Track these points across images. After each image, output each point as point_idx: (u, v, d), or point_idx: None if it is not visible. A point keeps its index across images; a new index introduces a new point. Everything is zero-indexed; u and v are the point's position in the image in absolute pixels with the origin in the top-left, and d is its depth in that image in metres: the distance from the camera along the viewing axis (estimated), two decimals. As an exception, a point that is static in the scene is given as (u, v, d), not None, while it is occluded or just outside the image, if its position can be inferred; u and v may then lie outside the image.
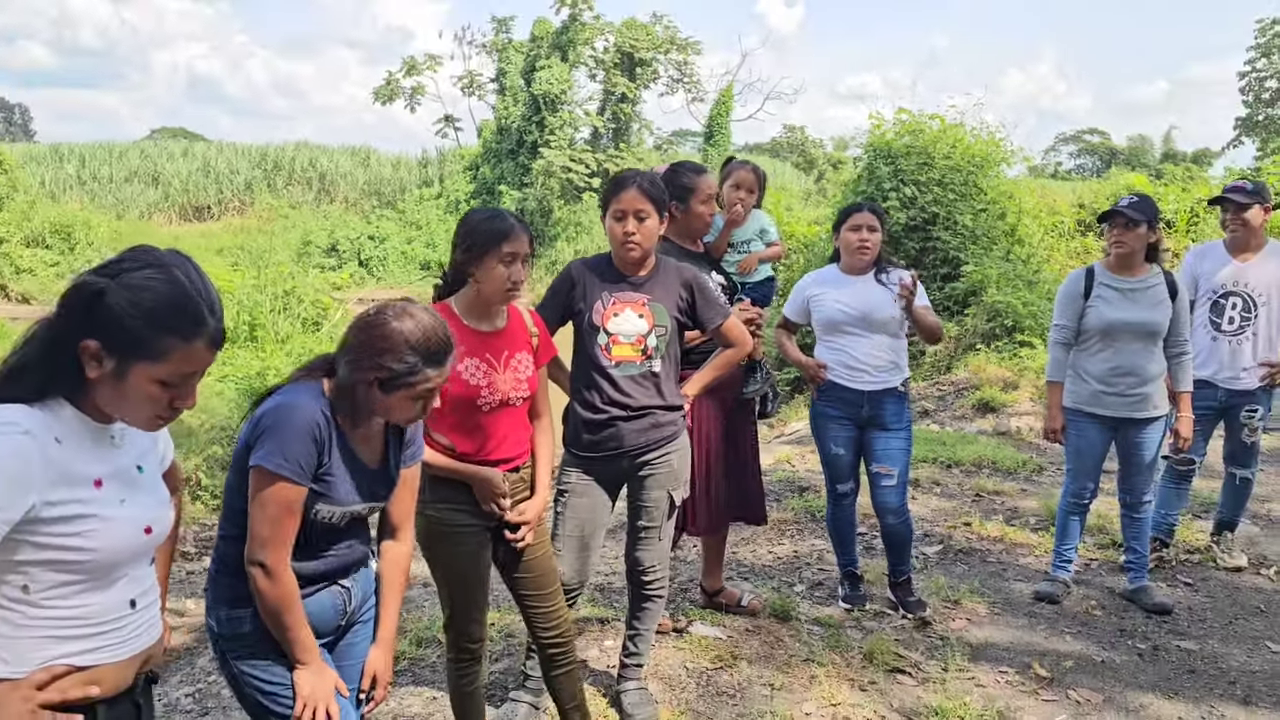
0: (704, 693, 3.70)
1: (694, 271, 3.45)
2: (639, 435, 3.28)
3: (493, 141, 36.45)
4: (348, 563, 2.26)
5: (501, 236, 2.75)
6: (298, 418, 2.09)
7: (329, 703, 2.14)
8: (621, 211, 3.18)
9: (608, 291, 3.26)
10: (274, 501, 2.05)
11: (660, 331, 3.25)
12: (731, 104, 37.98)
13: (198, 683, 4.81)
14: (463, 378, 2.78)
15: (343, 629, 2.33)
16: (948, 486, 6.38)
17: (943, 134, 12.61)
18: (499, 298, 2.81)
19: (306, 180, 39.35)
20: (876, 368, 4.21)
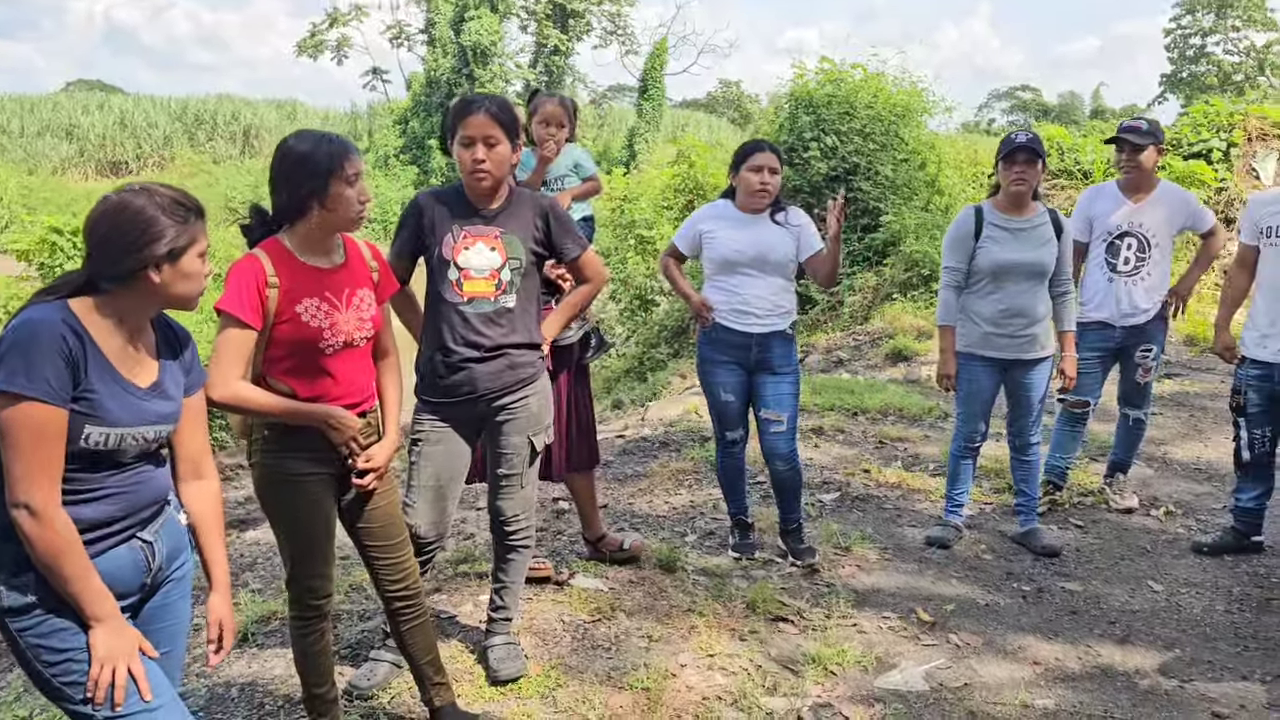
0: (578, 646, 3.58)
1: (552, 200, 3.26)
2: (494, 378, 3.10)
3: (422, 94, 35.66)
4: (137, 504, 2.04)
5: (342, 156, 2.56)
6: (39, 332, 1.86)
7: (131, 660, 1.93)
8: (469, 138, 2.98)
9: (458, 224, 3.06)
10: (25, 428, 1.83)
11: (514, 265, 3.07)
12: (666, 57, 37.56)
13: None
14: (302, 319, 2.57)
15: (149, 589, 2.13)
16: (851, 434, 6.32)
17: (865, 84, 12.47)
18: (354, 221, 2.61)
19: (230, 135, 38.21)
20: (766, 310, 4.08)
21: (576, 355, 3.97)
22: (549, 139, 3.91)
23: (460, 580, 4.12)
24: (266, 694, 3.36)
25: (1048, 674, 3.44)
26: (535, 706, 3.18)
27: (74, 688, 1.93)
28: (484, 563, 4.30)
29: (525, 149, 3.99)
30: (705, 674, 3.40)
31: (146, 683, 1.96)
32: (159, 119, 37.63)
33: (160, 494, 2.11)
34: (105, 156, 36.28)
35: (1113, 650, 3.59)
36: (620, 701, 3.20)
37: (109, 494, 1.99)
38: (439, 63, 34.85)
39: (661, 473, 5.59)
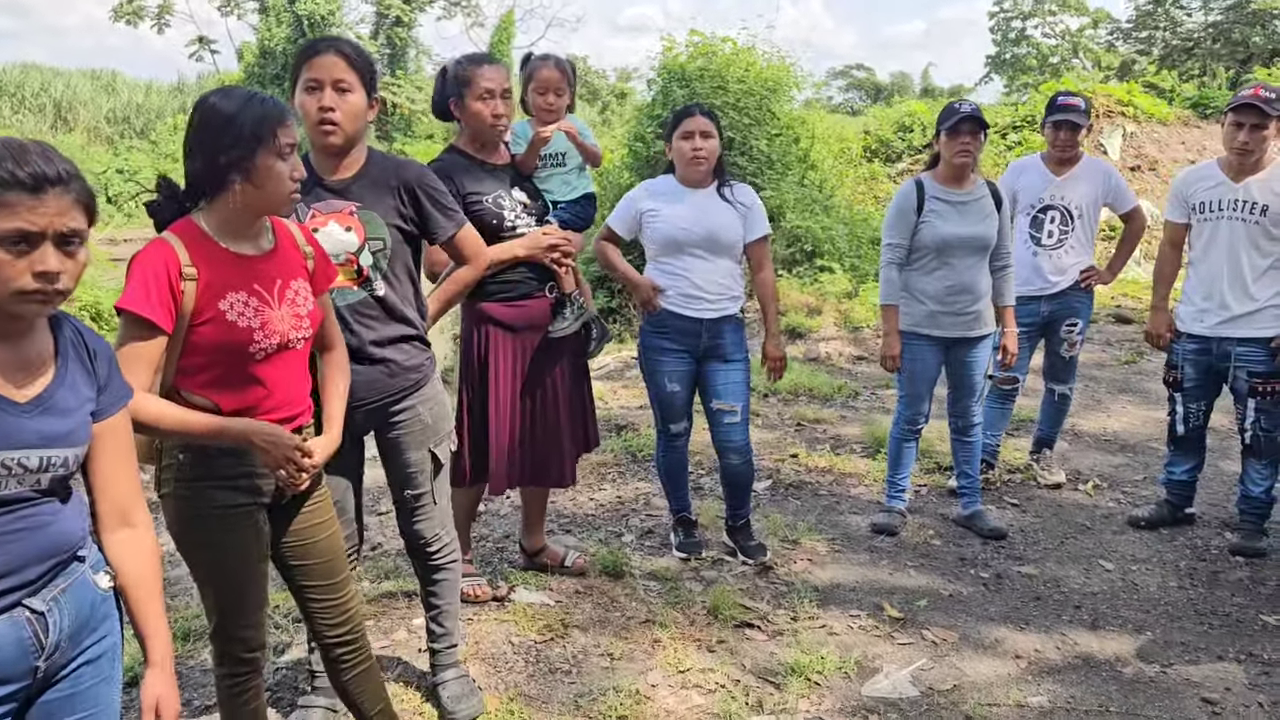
0: (535, 671, 3.21)
1: (418, 170, 2.79)
2: (370, 386, 2.65)
3: (255, 66, 33.62)
4: (21, 559, 1.57)
5: (275, 121, 2.08)
6: None
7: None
8: (315, 80, 2.51)
9: (304, 202, 2.59)
10: None
11: (376, 246, 2.63)
12: (513, 30, 36.67)
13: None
14: (227, 318, 2.09)
15: (43, 676, 1.65)
16: (768, 417, 6.12)
17: (735, 57, 12.33)
18: (285, 201, 2.14)
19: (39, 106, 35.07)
20: (717, 293, 3.79)
21: (577, 350, 3.57)
22: (549, 109, 3.47)
23: (386, 602, 3.67)
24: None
25: (1032, 668, 3.29)
26: (501, 748, 2.80)
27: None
28: (408, 578, 3.86)
29: (521, 120, 3.55)
30: (680, 694, 3.09)
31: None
32: (-46, 90, 34.18)
33: (59, 546, 1.63)
34: (-110, 130, 32.66)
35: (1088, 637, 3.49)
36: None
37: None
38: (273, 32, 32.92)
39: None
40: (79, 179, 1.54)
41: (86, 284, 12.59)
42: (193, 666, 3.32)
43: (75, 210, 1.52)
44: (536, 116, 3.52)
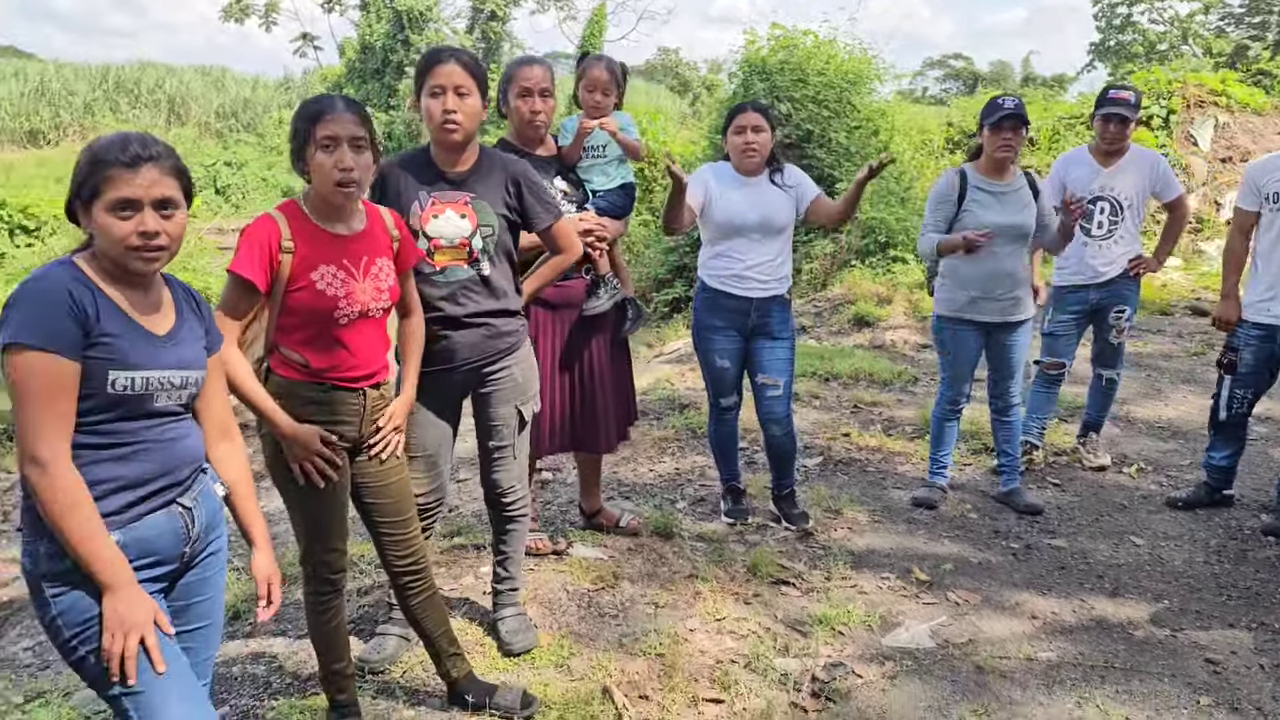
0: (586, 614, 3.57)
1: (524, 166, 3.17)
2: (474, 348, 3.04)
3: (356, 61, 34.80)
4: (173, 462, 1.98)
5: (313, 118, 2.45)
6: (42, 287, 1.83)
7: (145, 631, 1.85)
8: (439, 87, 2.89)
9: (425, 191, 2.98)
10: (33, 379, 1.77)
11: (486, 231, 3.00)
12: (605, 23, 37.08)
13: (38, 636, 4.45)
14: (317, 287, 2.49)
15: (187, 560, 2.06)
16: (826, 399, 6.39)
17: (816, 50, 12.49)
18: (328, 191, 2.50)
19: (154, 103, 36.87)
20: (767, 275, 4.08)
21: (613, 327, 3.92)
22: (595, 106, 3.82)
23: (457, 553, 4.08)
24: (272, 671, 3.31)
25: (1046, 627, 3.53)
26: (551, 675, 3.17)
27: (91, 658, 1.87)
28: (477, 534, 4.28)
29: (572, 115, 3.91)
30: (716, 638, 3.42)
31: (159, 652, 1.88)
32: (79, 87, 36.09)
33: (195, 456, 2.05)
34: (21, 126, 34.73)
35: (1105, 603, 3.70)
36: (635, 667, 3.21)
37: (144, 447, 1.93)
38: (373, 28, 34.02)
39: (643, 441, 5.59)
40: (171, 157, 1.94)
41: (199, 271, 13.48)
42: (289, 604, 3.77)
43: (168, 180, 1.91)
44: (585, 112, 3.88)
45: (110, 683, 1.84)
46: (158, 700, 1.85)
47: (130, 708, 1.85)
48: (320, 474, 2.57)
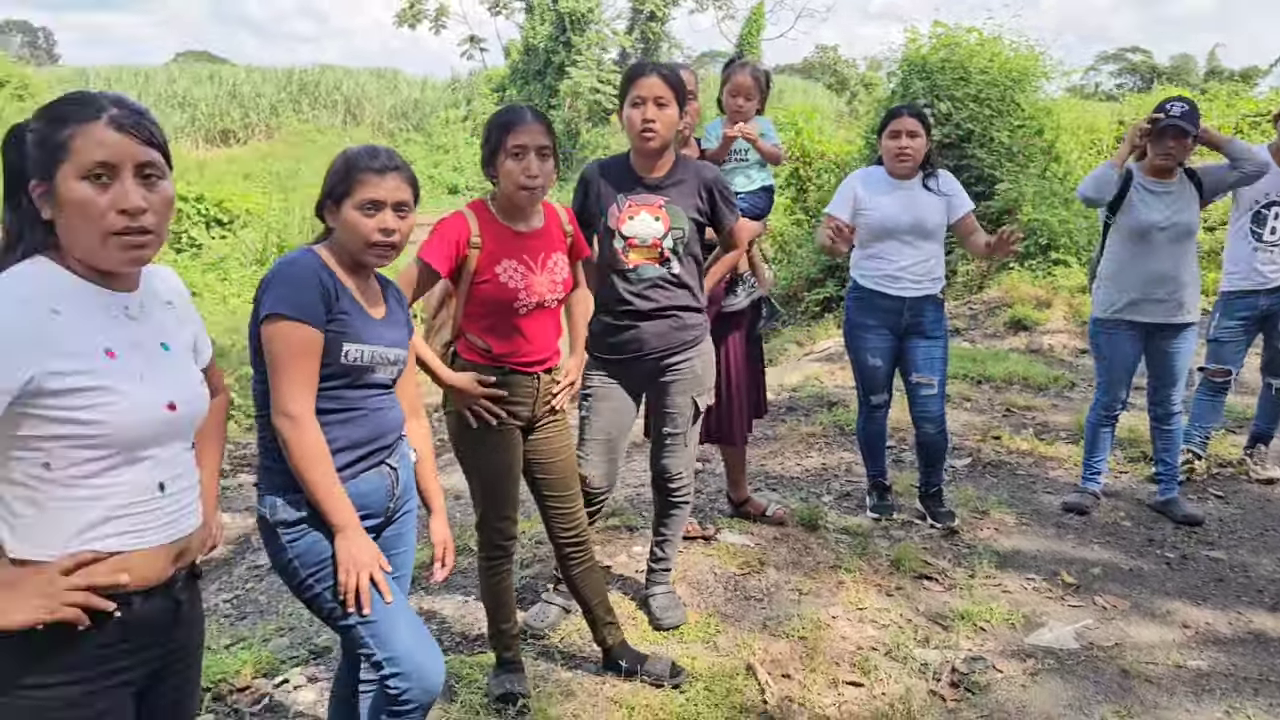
0: (732, 596, 3.75)
1: (715, 172, 3.38)
2: (660, 338, 3.26)
3: (520, 63, 35.89)
4: (384, 428, 2.26)
5: (505, 128, 2.72)
6: (297, 268, 2.13)
7: (374, 570, 2.14)
8: (640, 98, 3.10)
9: (623, 195, 3.21)
10: (289, 345, 2.07)
11: (677, 234, 3.20)
12: (763, 22, 37.04)
13: (236, 589, 4.95)
14: (500, 279, 2.78)
15: (390, 515, 2.35)
16: (977, 402, 6.35)
17: (980, 48, 12.23)
18: (515, 195, 2.76)
19: (332, 104, 39.03)
20: (919, 275, 4.15)
21: (747, 323, 4.09)
22: (738, 111, 4.01)
23: (612, 533, 4.33)
24: (443, 630, 3.62)
25: (1198, 637, 3.49)
26: (698, 650, 3.36)
27: (326, 594, 2.16)
28: (632, 517, 4.52)
29: (715, 120, 4.11)
30: (857, 625, 3.54)
31: (386, 586, 2.16)
32: (266, 89, 38.57)
33: (399, 424, 2.34)
34: (215, 126, 37.38)
35: (1265, 617, 3.62)
36: (778, 648, 3.37)
37: (363, 414, 2.22)
38: (536, 30, 35.02)
39: (790, 436, 5.72)
40: (408, 169, 2.24)
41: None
42: (457, 572, 4.10)
43: (405, 187, 2.21)
44: (728, 116, 4.04)
45: (346, 614, 2.14)
46: (388, 626, 2.14)
47: (366, 634, 2.14)
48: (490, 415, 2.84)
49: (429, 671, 2.18)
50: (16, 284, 1.50)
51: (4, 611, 1.46)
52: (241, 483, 8.08)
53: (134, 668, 1.63)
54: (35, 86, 28.53)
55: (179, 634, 1.73)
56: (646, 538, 4.21)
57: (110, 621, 1.56)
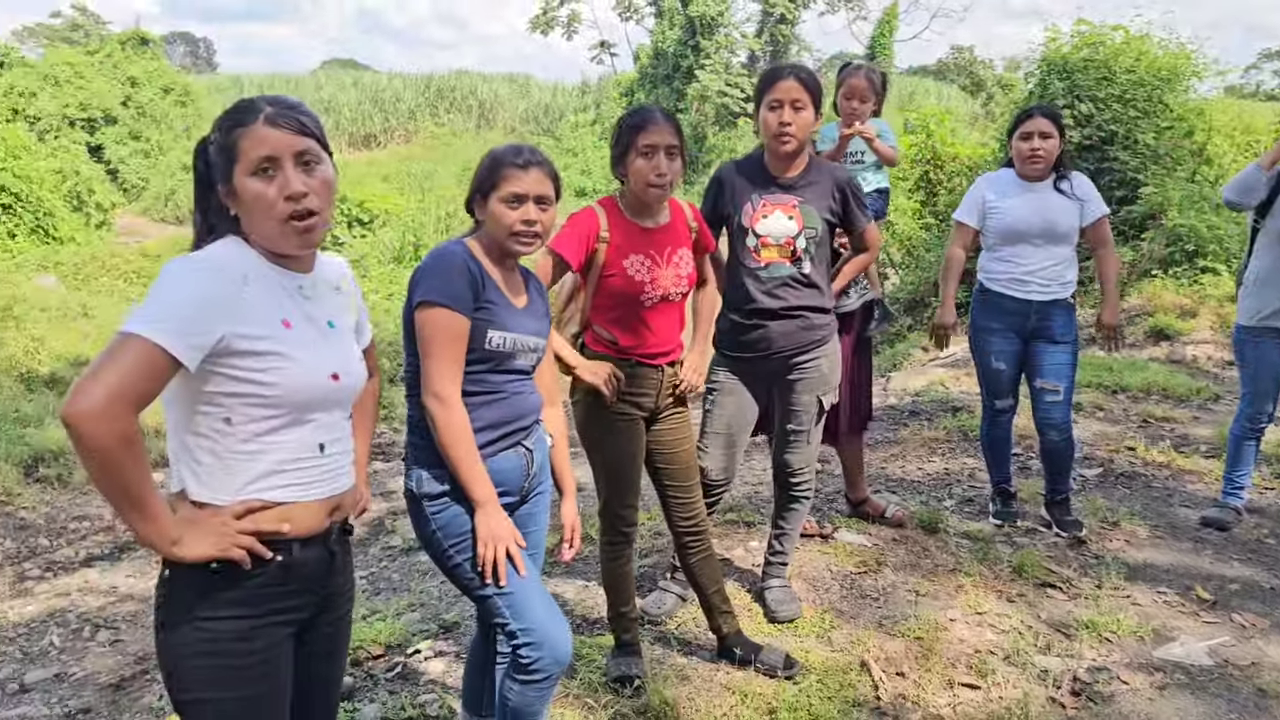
0: (848, 594, 3.76)
1: (848, 174, 3.41)
2: (788, 337, 3.29)
3: (648, 67, 36.22)
4: (523, 411, 2.38)
5: (636, 129, 2.80)
6: (447, 258, 2.28)
7: (509, 544, 2.26)
8: (777, 101, 3.14)
9: (757, 193, 3.26)
10: (439, 330, 2.21)
11: (810, 234, 3.24)
12: (896, 23, 36.38)
13: (370, 568, 5.22)
14: (628, 273, 2.87)
15: (524, 494, 2.47)
16: (1112, 411, 6.14)
17: (1126, 46, 11.76)
18: (644, 193, 2.84)
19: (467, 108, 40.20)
20: (1048, 279, 4.07)
21: (858, 325, 4.09)
22: (853, 113, 4.03)
23: (729, 527, 4.39)
24: (564, 612, 3.73)
25: (1345, 661, 3.32)
26: (812, 644, 3.39)
27: (465, 565, 2.30)
28: (749, 513, 4.57)
29: (830, 123, 4.14)
30: (975, 629, 3.50)
31: (521, 560, 2.29)
32: (405, 94, 40.00)
33: (537, 408, 2.46)
34: (357, 130, 38.96)
35: None
36: (894, 646, 3.37)
37: (504, 397, 2.35)
38: (666, 35, 35.27)
39: (913, 440, 5.66)
40: (549, 164, 2.37)
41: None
42: (580, 558, 4.22)
43: (546, 182, 2.33)
44: (843, 119, 4.04)
45: (484, 585, 2.27)
46: (522, 598, 2.27)
47: (503, 605, 2.27)
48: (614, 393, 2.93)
49: (559, 641, 2.30)
50: (214, 256, 1.70)
51: (185, 545, 1.65)
52: (376, 470, 8.48)
53: (293, 610, 1.79)
54: (196, 93, 30.35)
55: (333, 582, 1.89)
56: (763, 533, 4.26)
57: (273, 565, 1.73)
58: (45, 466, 7.54)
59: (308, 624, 1.85)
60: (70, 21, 41.95)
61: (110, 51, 26.58)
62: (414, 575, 4.74)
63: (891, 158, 4.11)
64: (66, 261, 14.01)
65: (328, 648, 1.94)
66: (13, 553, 6.40)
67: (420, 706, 3.08)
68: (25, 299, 10.82)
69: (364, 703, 3.13)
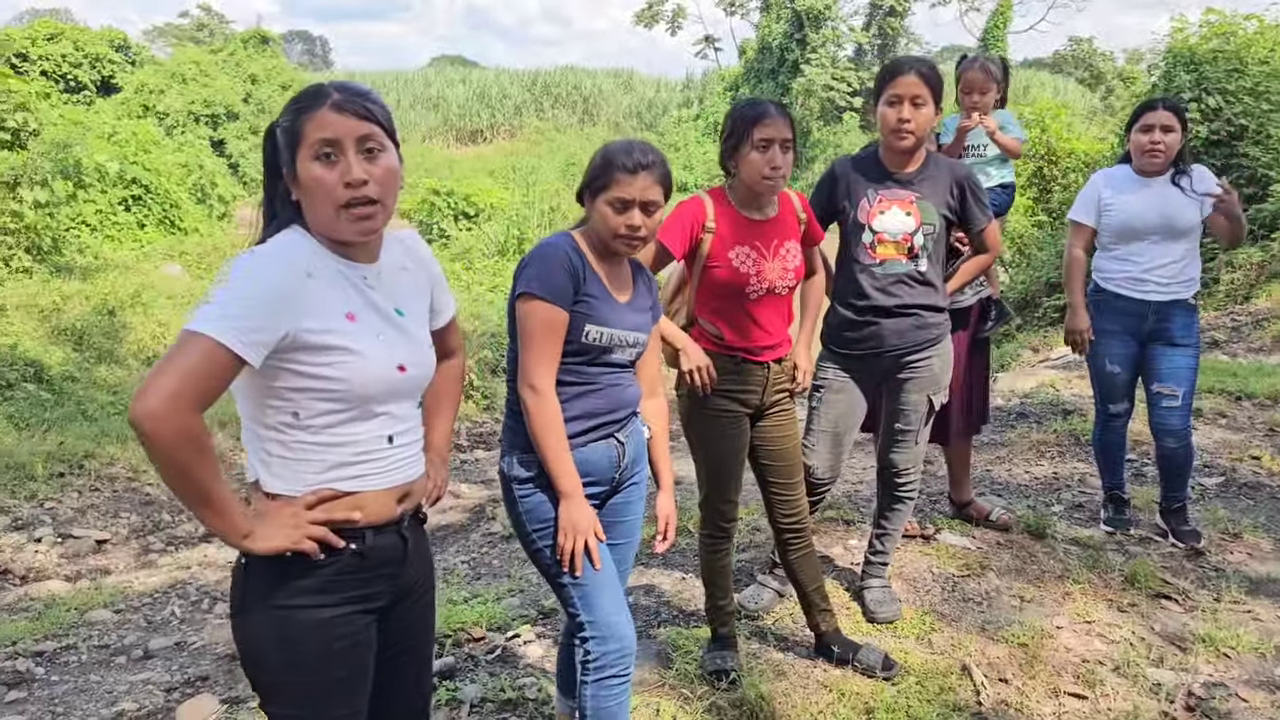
0: (949, 597, 3.69)
1: (966, 169, 3.34)
2: (900, 336, 3.24)
3: (754, 61, 35.98)
4: (618, 404, 2.40)
5: (752, 121, 2.79)
6: (550, 251, 2.31)
7: (589, 536, 2.29)
8: (897, 96, 3.09)
9: (874, 189, 3.21)
10: (537, 322, 2.25)
11: (928, 230, 3.17)
12: (1010, 14, 35.26)
13: (472, 553, 5.34)
14: (732, 264, 2.87)
15: (616, 485, 2.50)
16: (1235, 419, 5.86)
17: (1260, 36, 11.20)
18: (757, 185, 2.84)
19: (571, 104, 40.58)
20: (1168, 278, 3.92)
21: (974, 323, 4.00)
22: (974, 107, 3.94)
23: (828, 525, 4.36)
24: (661, 604, 3.78)
25: None
26: (912, 646, 3.34)
27: (546, 551, 2.34)
28: (849, 511, 4.52)
29: (951, 115, 4.07)
30: (1084, 638, 3.40)
31: (598, 554, 2.31)
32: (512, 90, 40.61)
33: (632, 401, 2.48)
34: (465, 126, 39.71)
35: None
36: (996, 652, 3.29)
37: (599, 389, 2.38)
38: (772, 29, 34.97)
39: (1020, 443, 5.51)
40: (662, 166, 2.34)
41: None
42: (675, 551, 4.25)
43: (656, 187, 2.32)
44: (964, 114, 3.94)
45: (561, 572, 2.32)
46: (593, 591, 2.31)
47: (575, 595, 2.32)
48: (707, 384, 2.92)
49: (623, 636, 2.33)
50: (278, 249, 1.69)
51: (256, 538, 1.66)
52: (478, 457, 8.67)
53: (371, 597, 1.80)
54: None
55: (409, 571, 1.88)
56: (863, 532, 4.22)
57: (346, 553, 1.74)
58: (169, 445, 7.93)
59: (387, 611, 1.86)
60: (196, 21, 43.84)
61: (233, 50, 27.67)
62: (514, 562, 4.83)
63: (1015, 149, 4.00)
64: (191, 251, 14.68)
65: (412, 635, 1.94)
66: (138, 527, 6.75)
67: (519, 689, 3.14)
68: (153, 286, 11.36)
69: (465, 682, 3.21)
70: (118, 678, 4.01)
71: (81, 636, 4.54)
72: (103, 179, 14.37)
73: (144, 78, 24.26)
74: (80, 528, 6.51)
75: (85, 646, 4.41)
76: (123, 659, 4.24)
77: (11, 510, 6.50)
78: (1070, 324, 4.19)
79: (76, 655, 4.31)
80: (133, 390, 8.67)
